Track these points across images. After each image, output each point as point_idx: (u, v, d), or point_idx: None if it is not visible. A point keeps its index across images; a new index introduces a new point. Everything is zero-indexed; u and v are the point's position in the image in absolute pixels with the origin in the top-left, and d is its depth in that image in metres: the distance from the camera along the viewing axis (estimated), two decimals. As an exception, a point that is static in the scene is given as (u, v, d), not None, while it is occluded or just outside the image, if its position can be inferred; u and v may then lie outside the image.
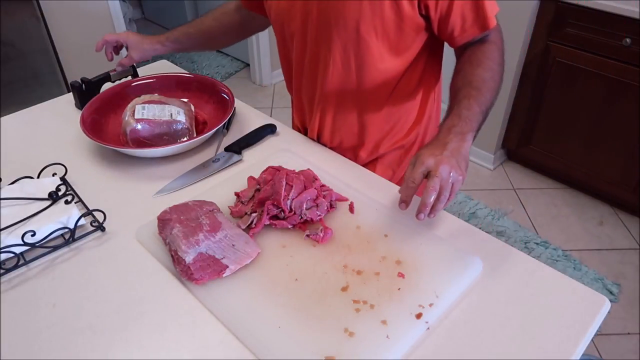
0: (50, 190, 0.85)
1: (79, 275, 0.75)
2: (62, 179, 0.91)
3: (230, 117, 1.07)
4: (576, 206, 2.23)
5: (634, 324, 1.74)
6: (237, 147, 1.02)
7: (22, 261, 0.76)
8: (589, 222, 2.15)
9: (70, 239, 0.80)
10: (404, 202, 0.75)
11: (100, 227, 0.82)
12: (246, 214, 0.82)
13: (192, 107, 1.08)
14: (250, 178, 0.90)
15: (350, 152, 1.08)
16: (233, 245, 0.74)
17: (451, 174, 0.73)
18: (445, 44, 0.98)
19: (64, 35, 2.34)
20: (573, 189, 2.30)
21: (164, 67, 1.33)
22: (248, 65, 3.31)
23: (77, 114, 1.02)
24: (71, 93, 1.18)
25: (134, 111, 0.99)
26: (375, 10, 0.86)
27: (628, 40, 1.81)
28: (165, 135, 1.00)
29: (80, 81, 1.13)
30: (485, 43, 0.91)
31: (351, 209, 0.85)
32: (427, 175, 0.73)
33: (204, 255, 0.72)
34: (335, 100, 1.01)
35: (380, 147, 1.07)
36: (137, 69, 1.23)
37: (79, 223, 0.81)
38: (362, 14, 0.86)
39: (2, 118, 1.13)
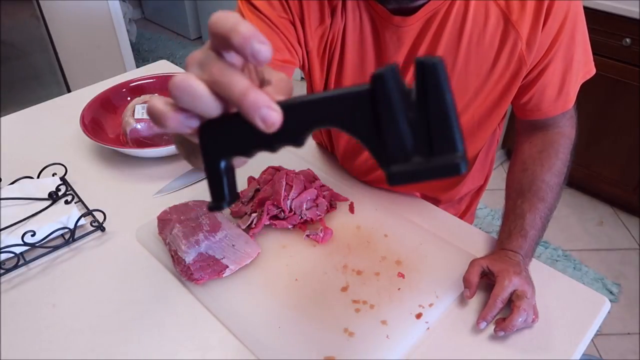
0: (50, 190, 0.85)
1: (79, 275, 0.75)
2: (62, 179, 0.91)
3: (230, 117, 1.06)
4: (576, 206, 2.23)
5: (634, 324, 1.74)
6: (237, 147, 1.01)
7: (22, 261, 0.76)
8: (589, 222, 2.15)
9: (70, 239, 0.80)
10: (485, 320, 0.67)
11: (100, 227, 0.82)
12: (246, 214, 0.82)
13: (192, 107, 1.08)
14: (250, 178, 0.90)
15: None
16: (233, 245, 0.74)
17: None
18: None
19: (64, 35, 2.33)
20: (573, 189, 2.30)
21: (164, 67, 1.33)
22: (248, 65, 3.31)
23: (77, 114, 1.01)
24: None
25: (133, 111, 0.99)
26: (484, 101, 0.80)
27: (628, 40, 1.80)
28: (165, 135, 1.00)
29: None
30: (557, 130, 0.84)
31: (351, 209, 0.85)
32: (512, 294, 0.69)
33: (204, 255, 0.72)
34: None
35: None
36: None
37: (79, 223, 0.81)
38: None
39: (2, 118, 1.12)
